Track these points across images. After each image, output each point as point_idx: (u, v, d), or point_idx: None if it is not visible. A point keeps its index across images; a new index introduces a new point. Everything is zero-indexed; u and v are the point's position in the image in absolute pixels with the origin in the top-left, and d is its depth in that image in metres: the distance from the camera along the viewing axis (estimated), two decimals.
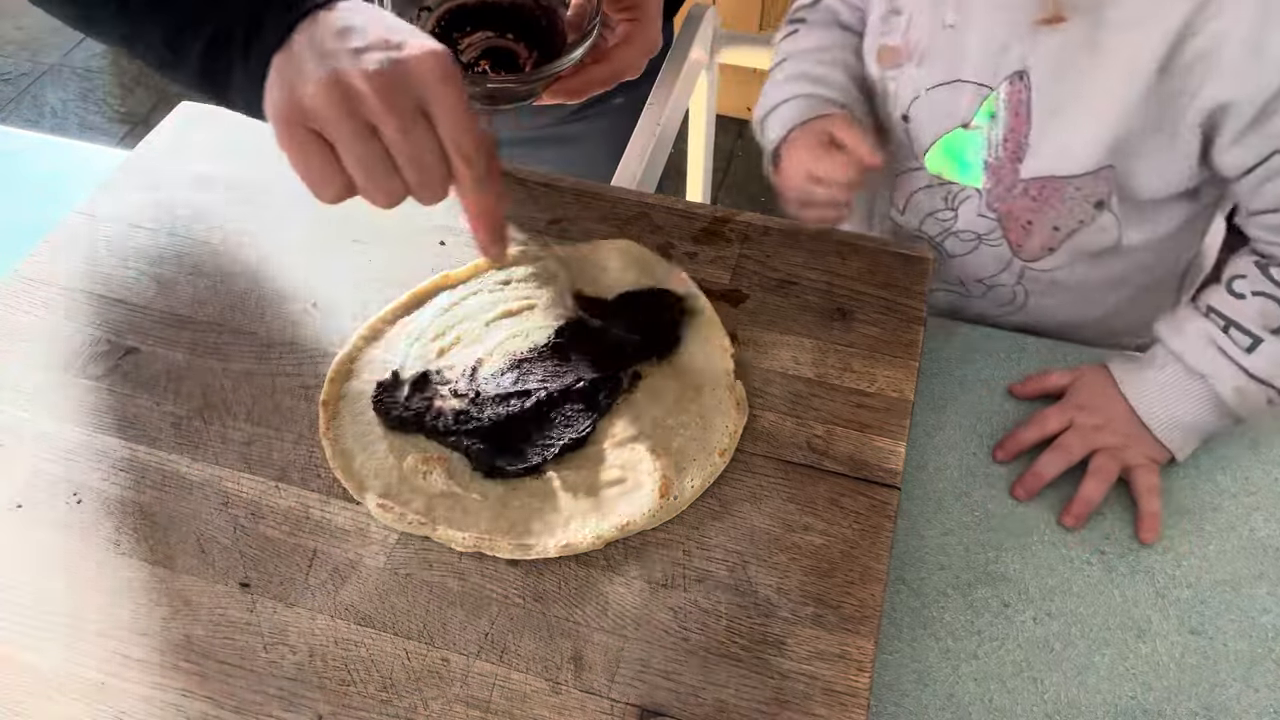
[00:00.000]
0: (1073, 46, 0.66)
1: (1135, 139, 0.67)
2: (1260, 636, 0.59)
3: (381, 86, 0.50)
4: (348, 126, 0.51)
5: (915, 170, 0.77)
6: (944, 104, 0.73)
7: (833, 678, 0.53)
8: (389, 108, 0.50)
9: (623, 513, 0.58)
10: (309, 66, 0.51)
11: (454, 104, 0.51)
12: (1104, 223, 0.73)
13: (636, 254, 0.70)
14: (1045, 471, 0.65)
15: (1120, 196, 0.71)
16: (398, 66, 0.51)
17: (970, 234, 0.77)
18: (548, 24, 0.66)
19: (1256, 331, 0.65)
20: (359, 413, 0.63)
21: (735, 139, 2.17)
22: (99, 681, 0.53)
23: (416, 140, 0.51)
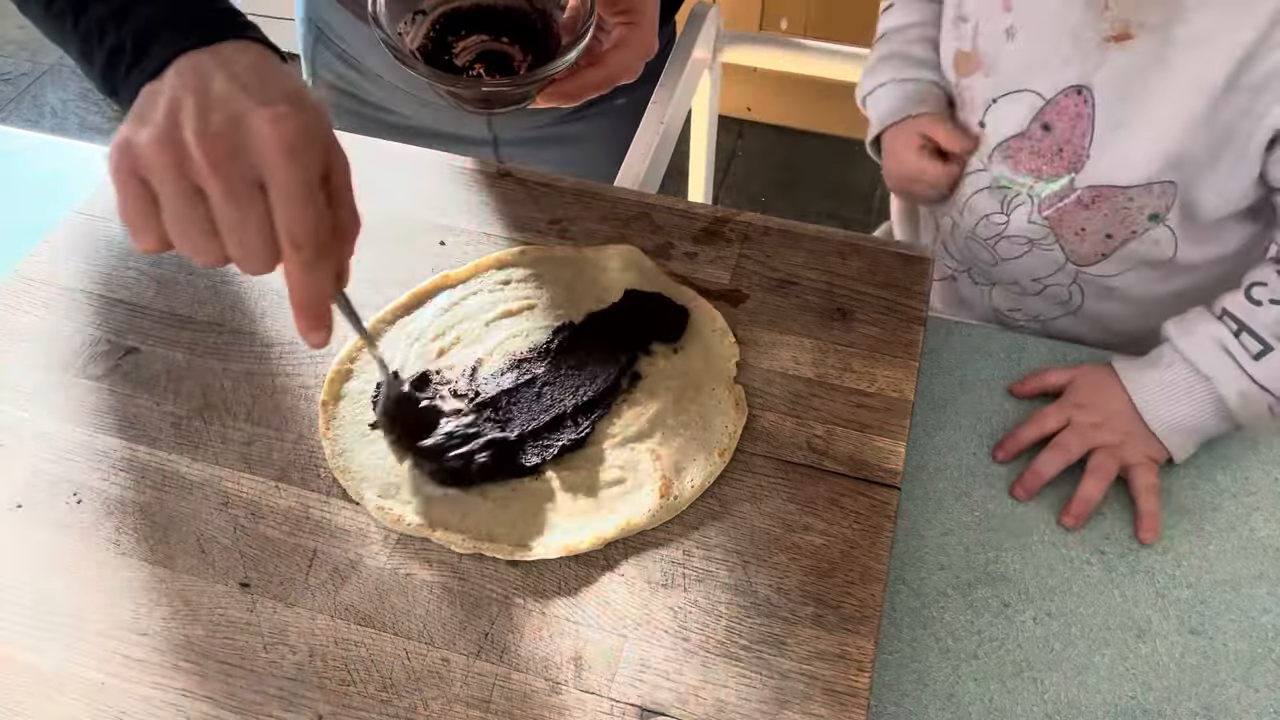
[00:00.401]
0: (1139, 63, 0.66)
1: (1198, 156, 0.67)
2: (1260, 636, 0.59)
3: (215, 152, 0.46)
4: (171, 185, 0.47)
5: (979, 172, 0.78)
6: (1008, 112, 0.74)
7: (833, 678, 0.53)
8: (218, 175, 0.46)
9: (623, 513, 0.58)
10: (159, 109, 0.48)
11: (292, 182, 0.47)
12: (1158, 236, 0.73)
13: (637, 259, 0.70)
14: (1044, 470, 0.65)
15: (1181, 213, 0.71)
16: (239, 132, 0.47)
17: (1022, 239, 0.78)
18: (543, 27, 0.66)
19: (1268, 339, 0.65)
20: (359, 413, 0.63)
21: (736, 139, 2.17)
22: (99, 681, 0.53)
23: (242, 213, 0.47)
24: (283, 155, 0.47)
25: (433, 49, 0.65)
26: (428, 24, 0.65)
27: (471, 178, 0.77)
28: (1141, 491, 0.64)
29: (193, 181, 0.47)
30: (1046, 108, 0.71)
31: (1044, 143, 0.73)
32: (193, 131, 0.47)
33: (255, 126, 0.47)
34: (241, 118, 0.47)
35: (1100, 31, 0.67)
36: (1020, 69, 0.72)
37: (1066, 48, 0.69)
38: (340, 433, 0.62)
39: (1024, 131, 0.73)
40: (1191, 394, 0.66)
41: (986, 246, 0.82)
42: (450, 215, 0.74)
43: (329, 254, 0.49)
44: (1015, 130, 0.74)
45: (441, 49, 0.65)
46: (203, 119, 0.47)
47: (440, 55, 0.65)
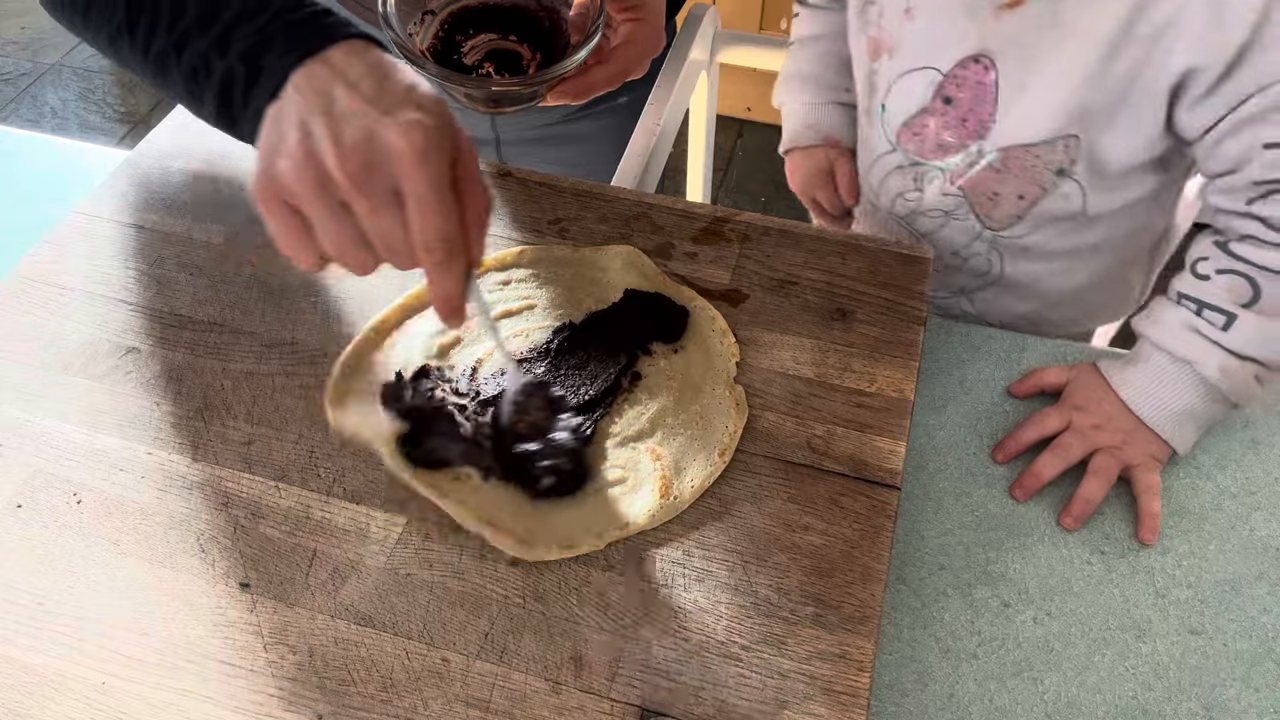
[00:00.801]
0: (1034, 25, 0.68)
1: (1099, 108, 0.68)
2: (1260, 636, 0.59)
3: (354, 168, 0.49)
4: (319, 207, 0.50)
5: (889, 153, 0.80)
6: (909, 90, 0.75)
7: (833, 678, 0.53)
8: (360, 190, 0.49)
9: (623, 513, 0.58)
10: (288, 133, 0.50)
11: (423, 191, 0.49)
12: (1066, 190, 0.74)
13: (637, 260, 0.70)
14: (1044, 471, 0.65)
15: (1089, 166, 0.72)
16: (373, 145, 0.49)
17: (937, 211, 0.80)
18: (551, 25, 0.67)
19: (1229, 309, 0.66)
20: (364, 414, 0.63)
21: (735, 139, 2.17)
22: (99, 681, 0.53)
23: (386, 223, 0.50)
24: (414, 165, 0.49)
25: (442, 49, 0.65)
26: (436, 24, 0.65)
27: None
28: (1143, 492, 0.64)
29: (338, 200, 0.50)
30: (946, 80, 0.72)
31: (947, 115, 0.74)
32: (330, 153, 0.49)
33: (386, 139, 0.48)
34: (373, 132, 0.49)
35: (994, 1, 0.68)
36: (920, 47, 0.74)
37: (962, 21, 0.70)
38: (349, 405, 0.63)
39: (926, 107, 0.75)
40: (1176, 381, 0.66)
41: (904, 224, 0.84)
42: None
43: (459, 252, 0.52)
44: (918, 107, 0.75)
45: (450, 49, 0.66)
46: (336, 139, 0.49)
47: (449, 55, 0.65)
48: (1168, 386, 0.66)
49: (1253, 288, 0.65)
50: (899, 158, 0.79)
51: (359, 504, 0.60)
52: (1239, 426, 0.69)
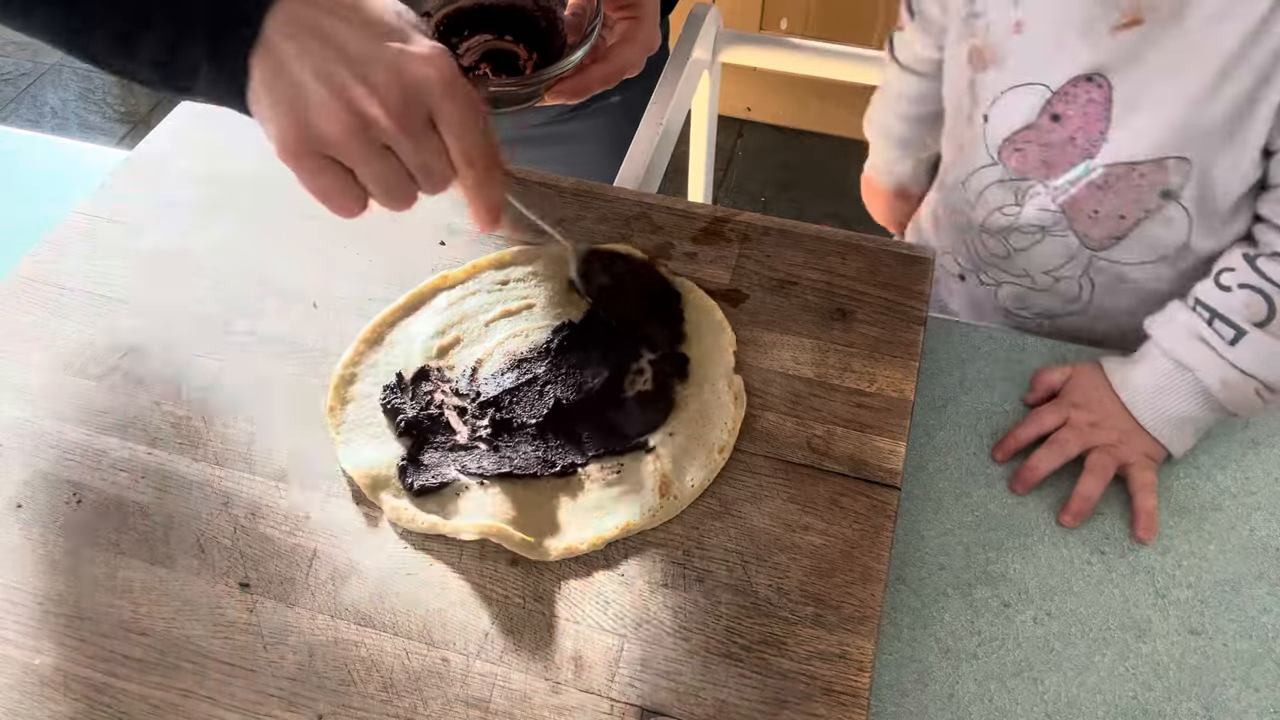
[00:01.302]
0: (1149, 45, 0.67)
1: (1211, 130, 0.68)
2: (1260, 636, 0.59)
3: (395, 108, 0.49)
4: (364, 152, 0.50)
5: (989, 166, 0.78)
6: (1016, 104, 0.74)
7: (833, 678, 0.53)
8: (403, 129, 0.50)
9: (623, 513, 0.58)
10: (308, 82, 0.49)
11: (461, 113, 0.51)
12: (1171, 214, 0.73)
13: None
14: (1040, 466, 0.65)
15: (1199, 193, 0.71)
16: (406, 80, 0.49)
17: (1034, 227, 0.78)
18: (547, 25, 0.67)
19: (1240, 324, 0.66)
20: (366, 415, 0.63)
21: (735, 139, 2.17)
22: (99, 681, 0.53)
23: (427, 152, 0.51)
24: (449, 92, 0.50)
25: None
26: (432, 26, 0.65)
27: None
28: (1139, 490, 0.64)
29: (381, 143, 0.50)
30: (1055, 97, 0.71)
31: (1053, 133, 0.73)
32: (366, 97, 0.49)
33: (417, 73, 0.49)
34: (400, 67, 0.49)
35: (1110, 21, 0.67)
36: (1028, 63, 0.73)
37: (1074, 39, 0.69)
38: (350, 435, 0.62)
39: (1032, 123, 0.74)
40: (1177, 386, 0.66)
41: (999, 238, 0.82)
42: (450, 215, 0.74)
43: (496, 159, 0.54)
44: (1023, 122, 0.74)
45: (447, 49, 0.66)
46: (368, 83, 0.49)
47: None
48: (1167, 392, 0.66)
49: (1269, 307, 0.65)
50: (1000, 171, 0.78)
51: (359, 504, 0.60)
52: (1239, 426, 0.69)
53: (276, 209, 0.75)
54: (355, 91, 0.49)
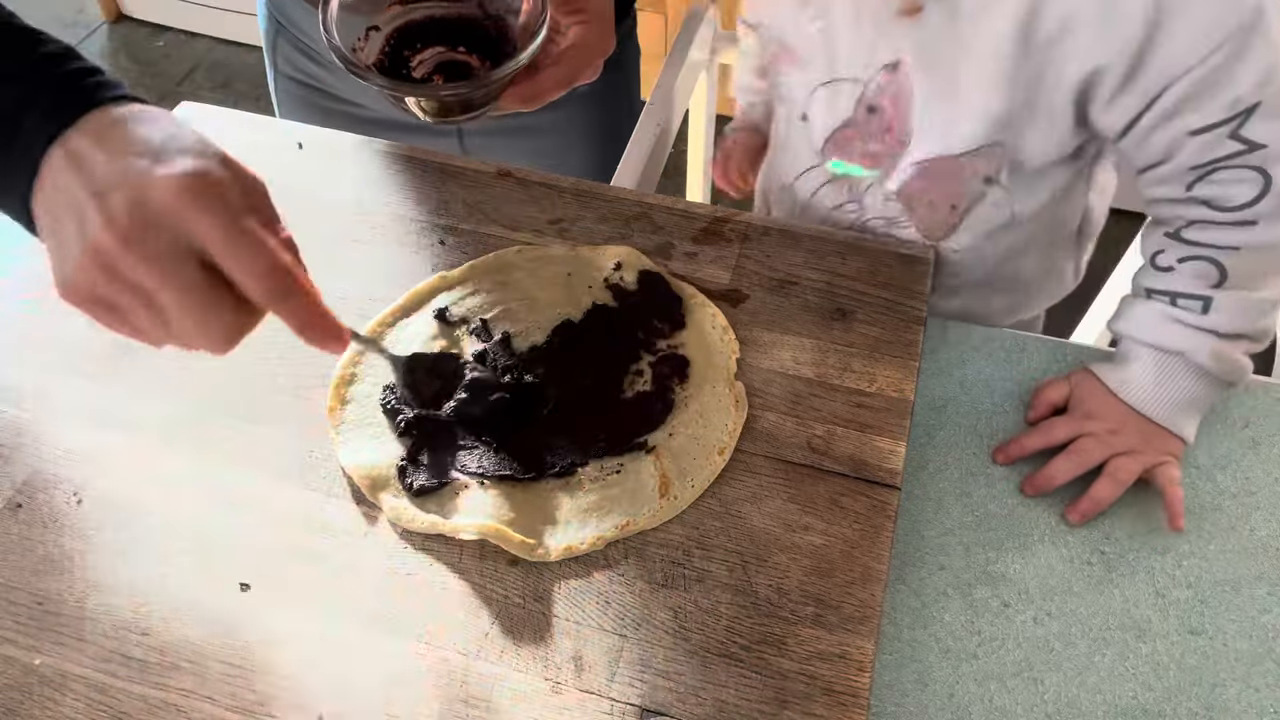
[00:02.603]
0: (936, 35, 0.67)
1: (1013, 116, 0.68)
2: (1260, 636, 0.59)
3: (130, 235, 0.43)
4: (117, 294, 0.45)
5: (815, 168, 0.79)
6: (829, 101, 0.75)
7: (833, 678, 0.53)
8: (143, 260, 0.43)
9: (623, 513, 0.58)
10: (65, 227, 0.45)
11: (219, 232, 0.44)
12: (995, 197, 0.74)
13: (636, 260, 0.70)
14: (1058, 475, 0.65)
15: (1010, 170, 0.72)
16: (145, 202, 0.43)
17: (881, 219, 0.79)
18: (498, 34, 0.66)
19: (1201, 293, 0.66)
20: (366, 415, 0.63)
21: None
22: (99, 682, 0.53)
23: (180, 287, 0.44)
24: (194, 207, 0.43)
25: (389, 65, 0.65)
26: (382, 39, 0.65)
27: (471, 178, 0.77)
28: (1167, 484, 0.64)
29: (132, 281, 0.44)
30: (868, 89, 0.72)
31: (871, 125, 0.73)
32: (104, 235, 0.43)
33: (155, 194, 0.43)
34: (139, 189, 0.44)
35: (892, 7, 0.68)
36: (831, 58, 0.73)
37: (869, 30, 0.70)
38: (350, 435, 0.62)
39: (850, 118, 0.74)
40: (1173, 373, 0.66)
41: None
42: (450, 215, 0.74)
43: (296, 277, 0.47)
44: (843, 119, 0.75)
45: (399, 64, 0.65)
46: (106, 213, 0.43)
47: (398, 70, 0.65)
48: (1166, 381, 0.66)
49: (1217, 268, 0.66)
50: (827, 172, 0.78)
51: (359, 504, 0.60)
52: (1239, 426, 0.69)
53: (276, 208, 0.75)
54: (92, 222, 0.44)
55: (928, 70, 0.69)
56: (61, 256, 0.46)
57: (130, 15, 2.54)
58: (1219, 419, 0.69)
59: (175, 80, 2.38)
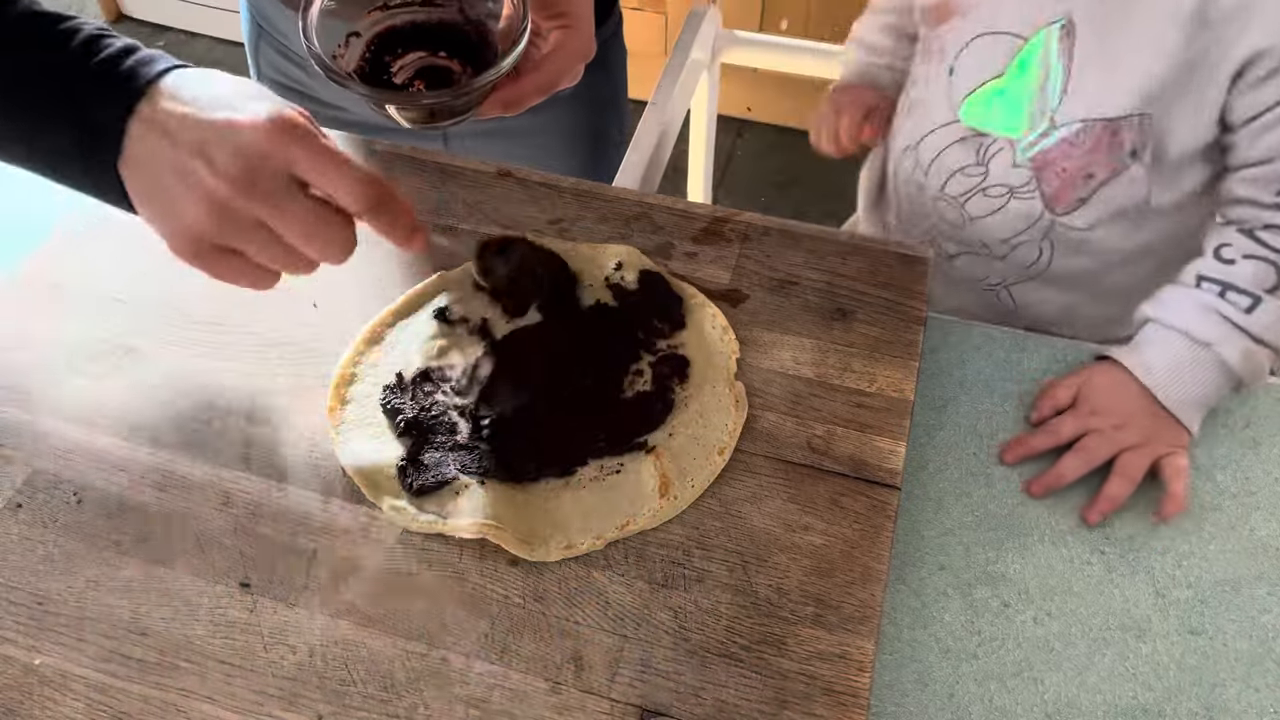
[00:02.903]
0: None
1: (1171, 87, 0.68)
2: (1260, 636, 0.59)
3: (239, 179, 0.48)
4: (237, 233, 0.50)
5: (948, 125, 0.77)
6: (984, 55, 0.73)
7: (833, 678, 0.53)
8: (257, 197, 0.49)
9: (623, 513, 0.58)
10: (164, 178, 0.50)
11: (314, 156, 0.49)
12: (1135, 174, 0.73)
13: (637, 260, 0.70)
14: (1067, 474, 0.65)
15: (1153, 150, 0.72)
16: (241, 147, 0.48)
17: (1002, 188, 0.77)
18: (479, 39, 0.66)
19: (1254, 291, 0.66)
20: (366, 415, 0.63)
21: (735, 139, 2.17)
22: (99, 682, 0.53)
23: (297, 214, 0.50)
24: (287, 143, 0.49)
25: (370, 71, 0.65)
26: (363, 46, 0.65)
27: (471, 178, 0.77)
28: (1173, 476, 0.64)
29: (247, 217, 0.49)
30: (1026, 47, 0.71)
31: (1020, 85, 0.72)
32: (214, 182, 0.48)
33: (246, 136, 0.48)
34: (231, 136, 0.48)
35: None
36: (997, 10, 0.72)
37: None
38: (350, 435, 0.62)
39: (1000, 73, 0.73)
40: (1198, 363, 0.66)
41: (955, 205, 0.81)
42: (450, 215, 0.75)
43: (385, 184, 0.51)
44: (991, 73, 0.73)
45: (380, 70, 0.65)
46: (211, 163, 0.48)
47: (379, 77, 0.65)
48: (1189, 370, 0.66)
49: (1278, 273, 0.66)
50: (962, 129, 0.76)
51: (359, 504, 0.60)
52: (1239, 426, 0.69)
53: None
54: (202, 175, 0.49)
55: (1095, 31, 0.68)
56: (171, 213, 0.50)
57: (130, 15, 2.54)
58: (1219, 419, 0.68)
59: None
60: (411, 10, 0.66)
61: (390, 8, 0.65)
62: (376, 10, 0.65)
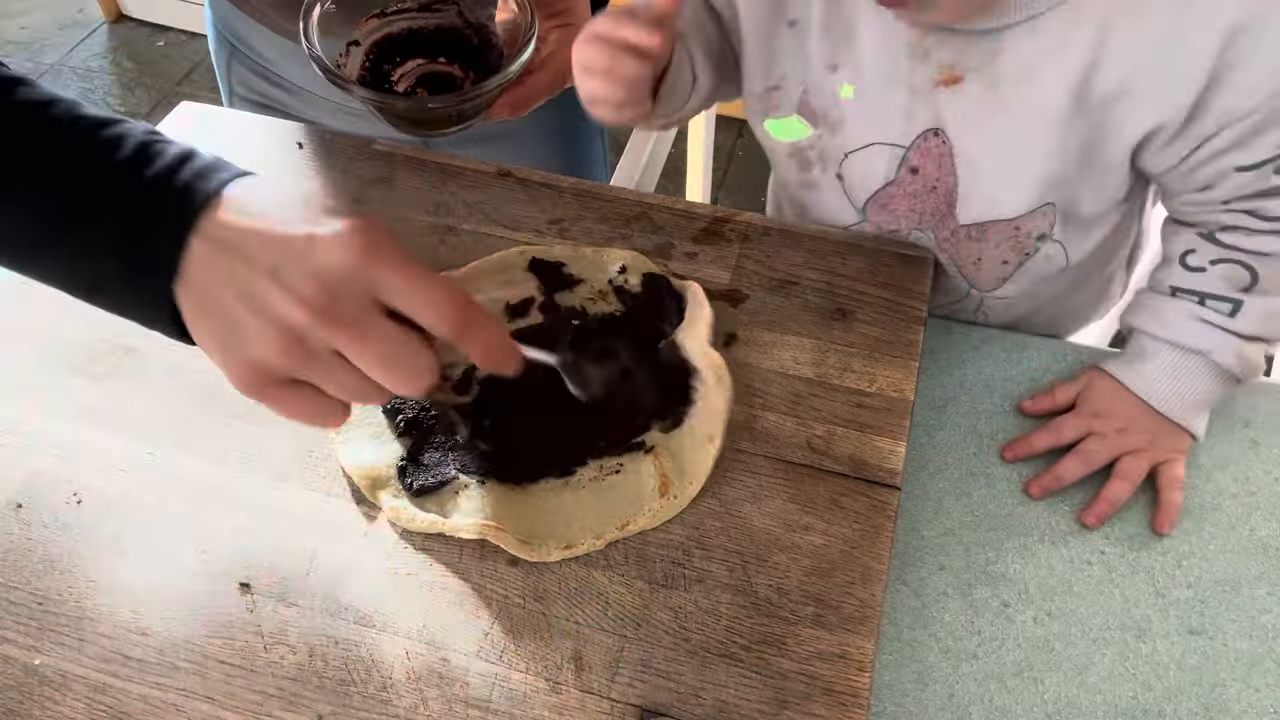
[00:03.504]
0: (978, 103, 0.66)
1: (1066, 176, 0.67)
2: (1260, 636, 0.59)
3: (319, 304, 0.43)
4: (310, 365, 0.44)
5: (860, 223, 0.76)
6: (869, 165, 0.72)
7: (833, 678, 0.53)
8: (337, 323, 0.43)
9: (623, 513, 0.58)
10: (232, 306, 0.44)
11: (399, 275, 0.44)
12: (1049, 251, 0.74)
13: (640, 264, 0.70)
14: (1066, 476, 0.65)
15: (1064, 223, 0.72)
16: (322, 269, 0.43)
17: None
18: (480, 42, 0.65)
19: (1231, 295, 0.66)
20: (366, 415, 0.63)
21: (735, 139, 2.17)
22: (99, 682, 0.53)
23: (379, 340, 0.44)
24: (372, 262, 0.43)
25: (371, 79, 0.64)
26: (362, 54, 0.64)
27: (471, 177, 0.77)
28: (1169, 484, 0.64)
29: (328, 349, 0.44)
30: (909, 152, 0.70)
31: (915, 184, 0.71)
32: (290, 309, 0.43)
33: (329, 258, 0.43)
34: (311, 258, 0.43)
35: (929, 77, 0.66)
36: (870, 125, 0.70)
37: (904, 97, 0.67)
38: (350, 435, 0.62)
39: (892, 179, 0.72)
40: (1192, 371, 0.66)
41: None
42: (450, 215, 0.74)
43: (472, 303, 0.46)
44: (884, 181, 0.72)
45: (380, 78, 0.64)
46: (283, 286, 0.43)
47: (380, 84, 0.64)
48: (1184, 378, 0.66)
49: (1250, 272, 0.66)
50: (872, 227, 0.76)
51: (359, 504, 0.60)
52: (1239, 426, 0.69)
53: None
54: (275, 301, 0.43)
55: (971, 138, 0.67)
56: (238, 344, 0.44)
57: (130, 15, 2.54)
58: (1219, 419, 0.68)
59: (175, 80, 2.38)
60: (409, 16, 0.65)
61: (387, 15, 0.64)
62: (374, 18, 0.64)
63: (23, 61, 2.42)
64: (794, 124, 0.74)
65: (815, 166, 0.75)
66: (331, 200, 0.46)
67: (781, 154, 0.77)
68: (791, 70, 0.71)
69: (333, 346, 0.44)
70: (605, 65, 0.62)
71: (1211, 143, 0.63)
